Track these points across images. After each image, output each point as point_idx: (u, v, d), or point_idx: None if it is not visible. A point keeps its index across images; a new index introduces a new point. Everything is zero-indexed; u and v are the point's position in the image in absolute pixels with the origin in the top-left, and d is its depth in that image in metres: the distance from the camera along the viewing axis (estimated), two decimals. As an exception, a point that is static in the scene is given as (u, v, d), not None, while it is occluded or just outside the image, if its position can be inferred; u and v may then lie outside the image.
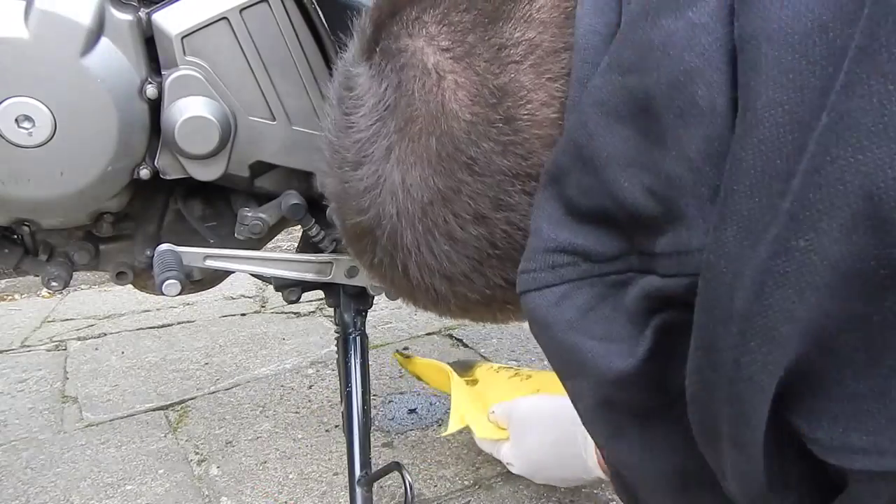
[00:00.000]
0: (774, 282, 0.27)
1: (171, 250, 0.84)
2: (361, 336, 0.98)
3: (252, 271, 0.92)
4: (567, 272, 0.35)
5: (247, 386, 1.35)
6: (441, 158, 0.38)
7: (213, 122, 0.79)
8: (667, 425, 0.36)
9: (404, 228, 0.41)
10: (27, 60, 0.72)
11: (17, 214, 0.84)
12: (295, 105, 0.83)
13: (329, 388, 1.32)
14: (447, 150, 0.38)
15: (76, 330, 1.66)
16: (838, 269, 0.25)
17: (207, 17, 0.78)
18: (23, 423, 1.22)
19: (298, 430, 1.18)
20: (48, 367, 1.45)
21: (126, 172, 0.81)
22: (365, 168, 0.41)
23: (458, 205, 0.39)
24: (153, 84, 0.78)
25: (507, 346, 1.43)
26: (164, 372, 1.42)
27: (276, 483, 1.03)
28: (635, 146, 0.32)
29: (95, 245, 0.92)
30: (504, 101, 0.37)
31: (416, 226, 0.40)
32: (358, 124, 0.41)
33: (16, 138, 0.74)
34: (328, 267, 0.92)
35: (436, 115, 0.38)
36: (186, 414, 1.25)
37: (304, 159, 0.86)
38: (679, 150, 0.31)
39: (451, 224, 0.39)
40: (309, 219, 0.88)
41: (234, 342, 1.55)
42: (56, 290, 0.95)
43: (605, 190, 0.33)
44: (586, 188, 0.34)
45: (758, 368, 0.28)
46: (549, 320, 0.36)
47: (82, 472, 1.07)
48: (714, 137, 0.30)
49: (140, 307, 1.77)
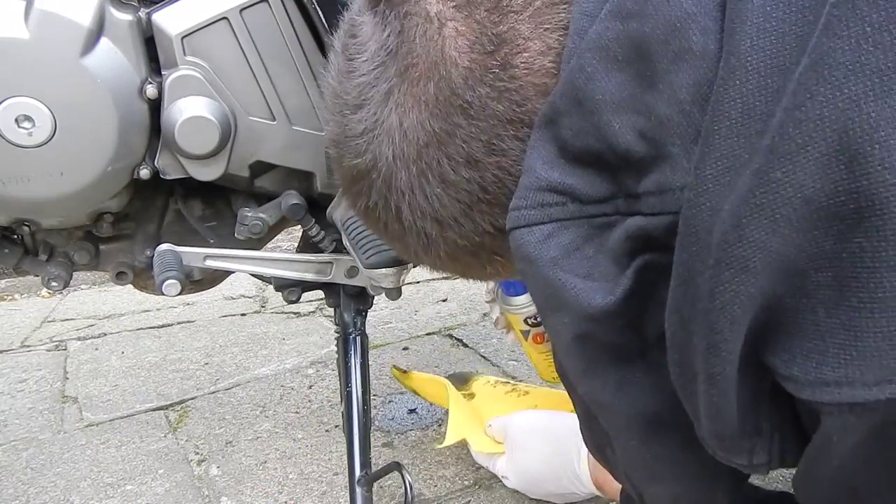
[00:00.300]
0: (751, 212, 0.28)
1: (171, 250, 0.84)
2: (361, 336, 0.98)
3: (252, 271, 0.92)
4: (555, 212, 0.37)
5: (247, 386, 1.35)
6: (438, 102, 0.39)
7: (213, 122, 0.79)
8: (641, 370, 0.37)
9: (399, 170, 0.41)
10: (27, 60, 0.72)
11: (17, 214, 0.84)
12: (295, 105, 0.83)
13: (329, 388, 1.32)
14: (444, 94, 0.39)
15: (76, 330, 1.66)
16: (812, 202, 0.27)
17: (207, 17, 0.78)
18: (23, 423, 1.22)
19: (298, 430, 1.18)
20: (48, 367, 1.45)
21: (126, 172, 0.81)
22: (364, 111, 0.42)
23: (451, 147, 0.40)
24: (153, 84, 0.78)
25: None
26: (164, 372, 1.42)
27: (276, 483, 1.03)
28: (629, 90, 0.34)
29: (95, 245, 0.92)
30: (502, 48, 0.38)
31: (411, 167, 0.41)
32: (359, 69, 0.42)
33: (16, 138, 0.74)
34: (328, 267, 0.92)
35: (435, 61, 0.39)
36: (186, 414, 1.25)
37: (304, 159, 0.86)
38: (671, 92, 0.32)
39: (444, 167, 0.40)
40: (309, 219, 0.88)
41: (234, 342, 1.55)
42: (56, 290, 0.95)
43: (598, 132, 0.35)
44: (579, 130, 0.35)
45: (730, 298, 0.29)
46: (535, 256, 0.37)
47: (82, 472, 1.07)
48: (703, 82, 0.31)
49: (140, 307, 1.77)
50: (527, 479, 0.82)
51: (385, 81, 0.41)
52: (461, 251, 0.44)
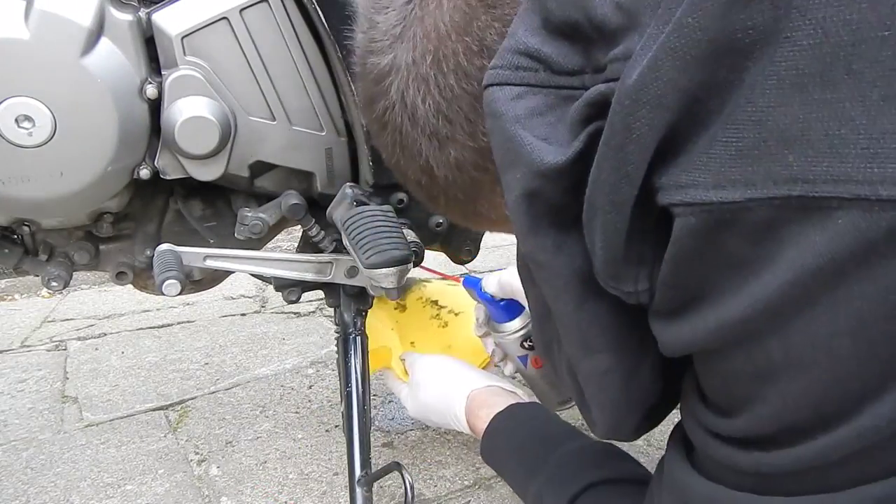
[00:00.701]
0: (665, 55, 0.32)
1: (171, 250, 0.84)
2: (361, 336, 0.98)
3: (252, 271, 0.92)
4: (528, 76, 0.40)
5: (247, 386, 1.35)
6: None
7: (213, 122, 0.79)
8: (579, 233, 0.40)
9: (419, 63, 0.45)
10: (27, 60, 0.72)
11: (17, 214, 0.84)
12: (295, 105, 0.84)
13: (329, 388, 1.32)
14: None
15: (76, 330, 1.66)
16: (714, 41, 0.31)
17: (207, 17, 0.78)
18: (23, 423, 1.22)
19: (298, 430, 1.18)
20: (48, 367, 1.45)
21: (126, 172, 0.81)
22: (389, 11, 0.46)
23: (468, 37, 0.43)
24: (153, 84, 0.78)
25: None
26: (164, 372, 1.42)
27: (276, 483, 1.03)
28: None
29: (95, 245, 0.92)
30: None
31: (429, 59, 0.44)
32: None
33: (16, 138, 0.74)
34: (328, 267, 0.92)
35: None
36: (186, 414, 1.25)
37: (304, 159, 0.87)
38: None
39: (459, 56, 0.43)
40: (309, 219, 0.88)
41: (234, 342, 1.55)
42: (56, 290, 0.95)
43: (580, 3, 0.38)
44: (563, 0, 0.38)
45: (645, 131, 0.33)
46: (502, 111, 0.40)
47: (82, 472, 1.07)
48: None
49: (140, 307, 1.77)
50: (420, 411, 0.93)
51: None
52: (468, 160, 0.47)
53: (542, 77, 0.39)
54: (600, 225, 0.37)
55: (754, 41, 0.30)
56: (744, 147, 0.31)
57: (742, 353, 0.35)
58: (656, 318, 0.40)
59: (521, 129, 0.39)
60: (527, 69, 0.40)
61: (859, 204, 0.29)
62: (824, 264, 0.30)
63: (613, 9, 0.36)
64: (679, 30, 0.31)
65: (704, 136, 0.32)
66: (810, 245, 0.30)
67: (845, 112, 0.29)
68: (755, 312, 0.33)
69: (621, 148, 0.34)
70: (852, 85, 0.29)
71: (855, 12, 0.28)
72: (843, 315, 0.31)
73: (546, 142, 0.39)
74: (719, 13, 0.30)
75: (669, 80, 0.32)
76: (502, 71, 0.40)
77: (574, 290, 0.42)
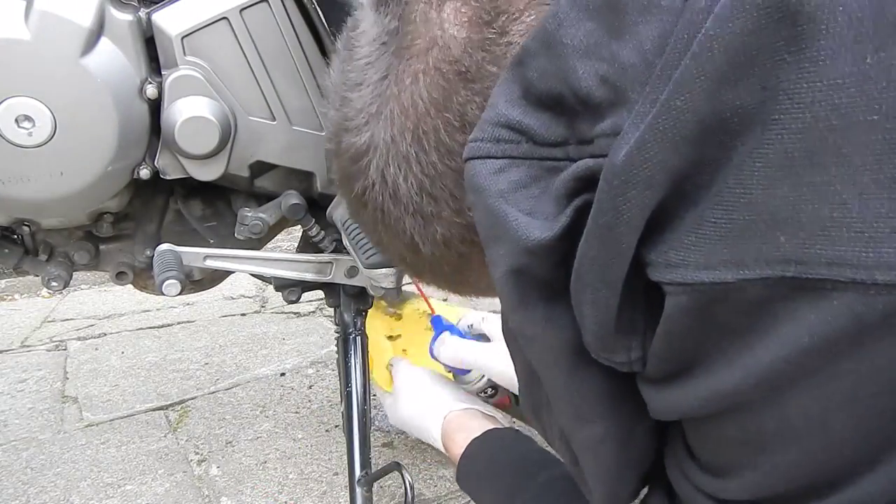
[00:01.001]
0: (653, 135, 0.31)
1: (171, 250, 0.84)
2: (361, 336, 0.98)
3: (252, 271, 0.92)
4: (509, 148, 0.39)
5: (247, 386, 1.35)
6: (437, 71, 0.41)
7: (213, 122, 0.79)
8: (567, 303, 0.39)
9: (398, 141, 0.43)
10: (27, 60, 0.72)
11: (17, 214, 0.84)
12: (295, 105, 0.83)
13: (329, 388, 1.32)
14: (443, 63, 0.41)
15: (76, 330, 1.66)
16: (704, 122, 0.31)
17: (207, 17, 0.78)
18: (23, 423, 1.22)
19: (298, 430, 1.18)
20: (48, 367, 1.45)
21: (126, 172, 0.81)
22: (363, 88, 0.44)
23: (448, 113, 0.42)
24: (153, 84, 0.78)
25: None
26: (164, 372, 1.42)
27: (276, 483, 1.03)
28: (597, 38, 0.36)
29: (95, 245, 0.92)
30: (498, 18, 0.41)
31: (408, 137, 0.43)
32: (360, 52, 0.45)
33: (16, 138, 0.74)
34: (328, 267, 0.92)
35: (434, 36, 0.41)
36: (186, 414, 1.25)
37: (304, 159, 0.86)
38: (637, 42, 0.34)
39: (440, 133, 0.42)
40: (309, 219, 0.88)
41: (234, 342, 1.55)
42: (56, 290, 0.95)
43: (562, 75, 0.36)
44: (545, 72, 0.37)
45: (636, 212, 0.33)
46: (484, 186, 0.39)
47: (82, 472, 1.07)
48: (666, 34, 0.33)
49: (140, 307, 1.77)
50: (399, 422, 0.91)
51: (384, 59, 0.43)
52: (455, 236, 0.45)
53: (525, 149, 0.38)
54: (590, 301, 0.37)
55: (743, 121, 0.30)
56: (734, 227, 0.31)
57: (734, 422, 0.35)
58: (647, 385, 0.40)
59: (505, 204, 0.38)
60: (508, 141, 0.38)
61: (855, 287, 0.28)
62: (819, 342, 0.30)
63: (598, 82, 0.35)
64: (668, 111, 0.31)
65: (693, 212, 0.32)
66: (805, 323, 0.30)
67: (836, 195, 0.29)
68: (747, 385, 0.33)
69: (611, 228, 0.34)
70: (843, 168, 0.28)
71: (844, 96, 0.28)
72: (836, 390, 0.31)
73: (531, 216, 0.37)
74: (707, 94, 0.30)
75: (659, 161, 0.31)
76: (483, 144, 0.39)
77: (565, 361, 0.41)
